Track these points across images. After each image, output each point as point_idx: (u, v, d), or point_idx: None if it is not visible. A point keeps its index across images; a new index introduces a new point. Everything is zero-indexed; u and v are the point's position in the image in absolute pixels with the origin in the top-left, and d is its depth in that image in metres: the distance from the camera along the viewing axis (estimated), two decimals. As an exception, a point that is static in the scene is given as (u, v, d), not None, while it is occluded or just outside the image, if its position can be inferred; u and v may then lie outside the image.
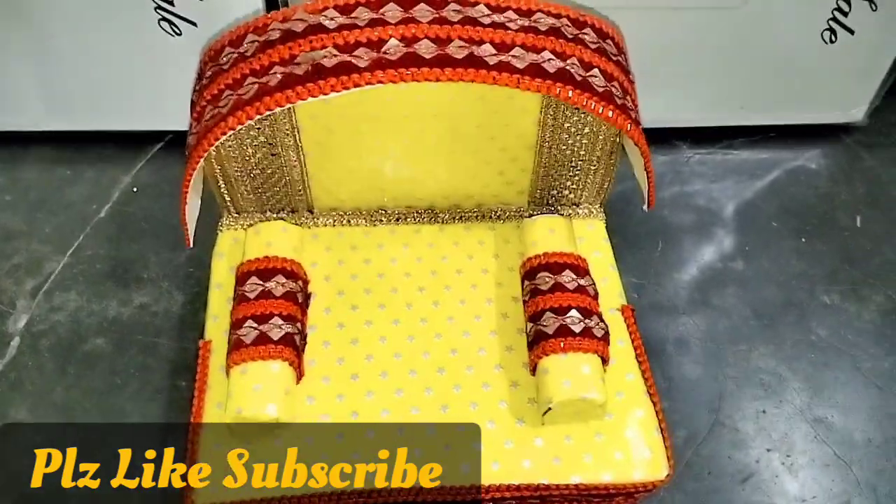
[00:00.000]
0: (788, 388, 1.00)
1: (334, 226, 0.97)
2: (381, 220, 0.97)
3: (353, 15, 0.67)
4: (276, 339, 0.79)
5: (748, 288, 1.09)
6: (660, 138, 1.25)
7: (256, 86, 0.66)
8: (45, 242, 1.10)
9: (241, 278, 0.84)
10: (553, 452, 0.79)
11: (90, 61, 1.09)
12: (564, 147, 0.89)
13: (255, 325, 0.79)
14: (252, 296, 0.82)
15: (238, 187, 0.91)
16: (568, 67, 0.67)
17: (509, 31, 0.68)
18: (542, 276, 0.85)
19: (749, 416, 0.97)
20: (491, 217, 0.98)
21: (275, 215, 0.96)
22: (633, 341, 0.87)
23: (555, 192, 0.96)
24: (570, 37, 0.70)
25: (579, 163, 0.92)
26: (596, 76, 0.69)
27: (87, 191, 1.16)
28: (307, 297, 0.87)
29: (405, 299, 0.90)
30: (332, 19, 0.67)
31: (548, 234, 0.89)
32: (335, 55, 0.65)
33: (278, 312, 0.80)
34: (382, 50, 0.64)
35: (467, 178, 0.93)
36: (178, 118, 1.16)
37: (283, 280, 0.83)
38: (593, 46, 0.71)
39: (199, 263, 1.07)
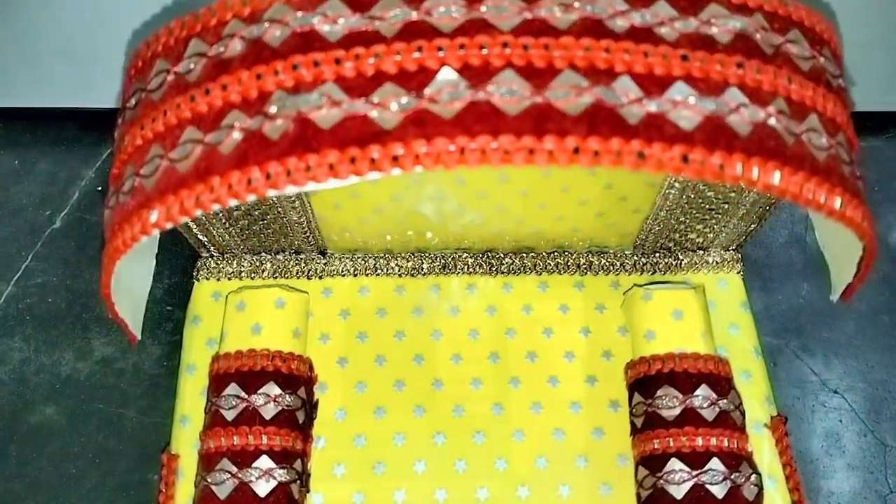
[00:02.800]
0: None
1: (355, 275, 0.68)
2: (421, 269, 0.68)
3: (371, 13, 0.36)
4: (263, 494, 0.52)
5: (928, 353, 0.79)
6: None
7: (200, 149, 0.37)
8: (-19, 262, 0.85)
9: (217, 381, 0.57)
10: None
11: (33, 21, 0.79)
12: (706, 187, 0.58)
13: (232, 468, 0.53)
14: (231, 416, 0.55)
15: (215, 228, 0.63)
16: (771, 122, 0.36)
17: (663, 46, 0.36)
18: (664, 395, 0.56)
19: (931, 554, 0.69)
20: (578, 267, 0.68)
21: (270, 257, 0.68)
22: (787, 479, 0.59)
23: (676, 235, 0.66)
24: (768, 52, 0.38)
25: (723, 206, 0.61)
26: (814, 129, 0.38)
27: (40, 190, 0.89)
28: (313, 408, 0.60)
29: (453, 399, 0.63)
30: (334, 20, 0.36)
31: (671, 322, 0.59)
32: (337, 102, 0.34)
33: (267, 448, 0.54)
34: (426, 92, 0.34)
35: (549, 222, 0.63)
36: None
37: (277, 392, 0.56)
38: (806, 67, 0.39)
39: (184, 298, 0.80)
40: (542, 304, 0.67)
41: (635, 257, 0.68)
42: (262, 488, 0.52)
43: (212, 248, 0.67)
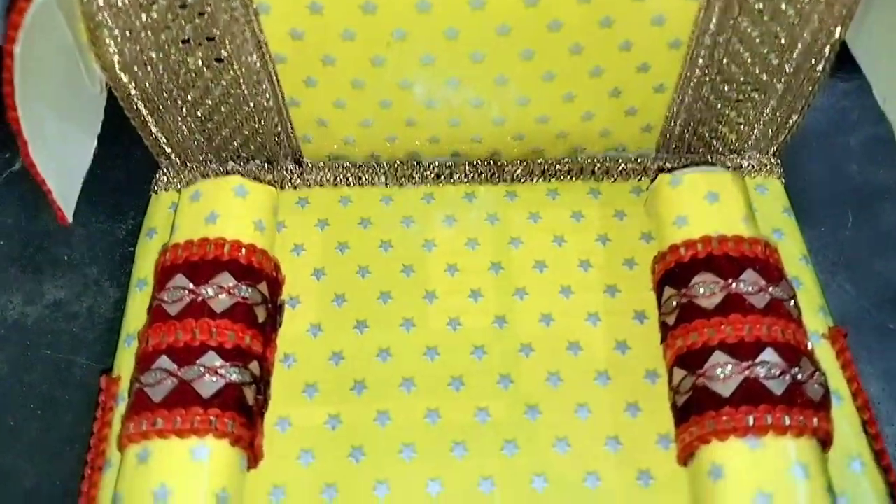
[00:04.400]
0: None
1: (335, 184, 0.59)
2: (412, 177, 0.59)
3: None
4: (207, 395, 0.43)
5: None
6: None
7: None
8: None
9: (163, 275, 0.48)
10: None
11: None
12: (742, 46, 0.49)
13: (171, 366, 0.43)
14: (174, 310, 0.46)
15: (173, 118, 0.55)
16: None
17: None
18: (701, 282, 0.46)
19: None
20: (594, 172, 0.59)
21: (239, 166, 0.60)
22: (854, 396, 0.48)
23: (705, 129, 0.57)
24: None
25: (761, 77, 0.52)
26: None
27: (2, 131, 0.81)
28: (277, 309, 0.51)
29: (447, 313, 0.53)
30: None
31: (705, 205, 0.50)
32: None
33: (216, 345, 0.44)
34: None
35: (557, 104, 0.54)
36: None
37: (232, 283, 0.47)
38: None
39: (148, 239, 0.71)
40: (551, 213, 0.57)
41: (659, 162, 0.59)
42: (207, 388, 0.42)
43: (172, 154, 0.58)
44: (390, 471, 0.47)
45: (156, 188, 0.60)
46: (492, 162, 0.60)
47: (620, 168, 0.59)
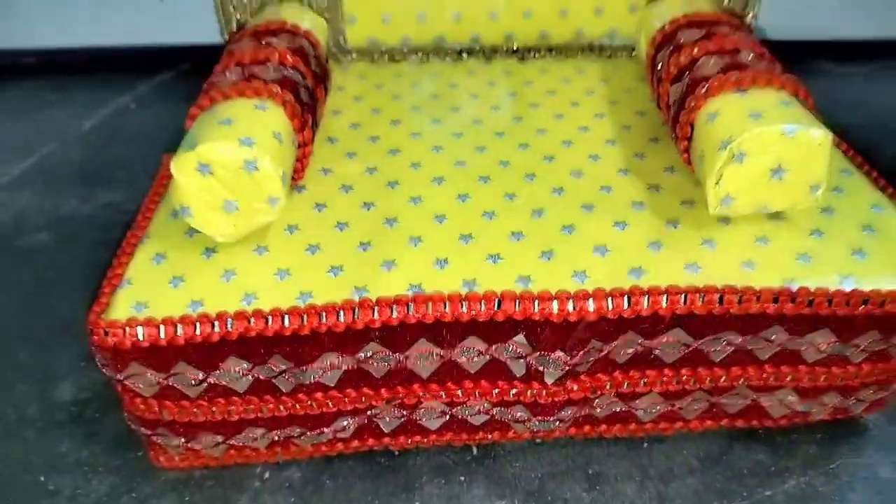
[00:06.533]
0: None
1: (373, 61, 0.70)
2: (440, 54, 0.70)
3: None
4: (267, 78, 0.50)
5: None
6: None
7: None
8: (6, 149, 0.86)
9: (232, 40, 0.57)
10: (738, 255, 0.45)
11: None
12: None
13: (240, 69, 0.51)
14: (239, 49, 0.54)
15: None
16: None
17: None
18: (685, 33, 0.55)
19: None
20: (593, 49, 0.70)
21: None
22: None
23: None
24: None
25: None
26: None
27: (75, 110, 0.94)
28: (324, 72, 0.59)
29: (472, 115, 0.61)
30: None
31: (682, 5, 0.60)
32: None
33: (278, 61, 0.52)
34: None
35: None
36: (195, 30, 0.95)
37: (291, 38, 0.56)
38: None
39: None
40: (558, 70, 0.67)
41: (647, 44, 0.70)
42: (269, 74, 0.50)
43: None
44: (423, 192, 0.51)
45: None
46: (506, 50, 0.71)
47: (618, 48, 0.70)
